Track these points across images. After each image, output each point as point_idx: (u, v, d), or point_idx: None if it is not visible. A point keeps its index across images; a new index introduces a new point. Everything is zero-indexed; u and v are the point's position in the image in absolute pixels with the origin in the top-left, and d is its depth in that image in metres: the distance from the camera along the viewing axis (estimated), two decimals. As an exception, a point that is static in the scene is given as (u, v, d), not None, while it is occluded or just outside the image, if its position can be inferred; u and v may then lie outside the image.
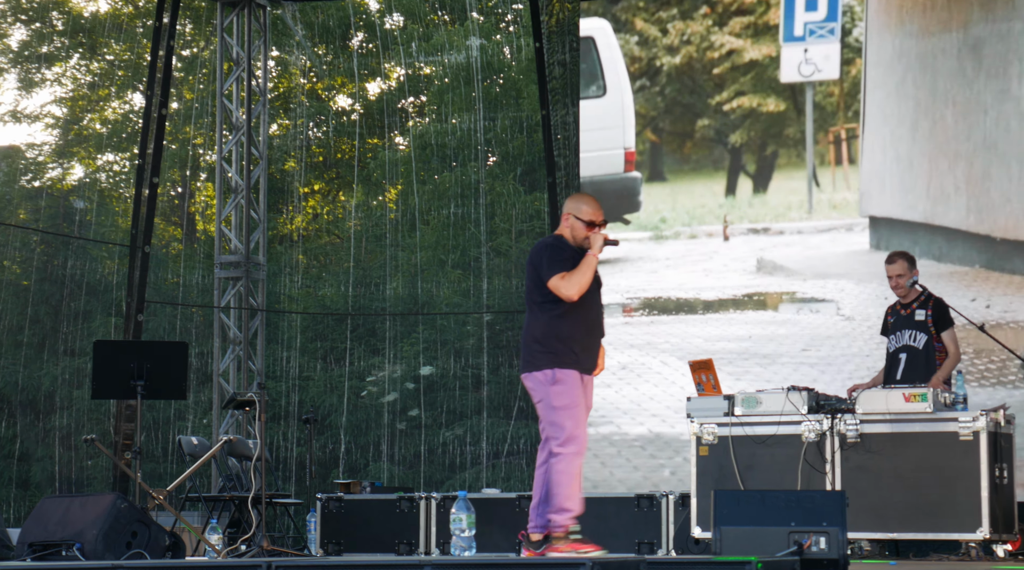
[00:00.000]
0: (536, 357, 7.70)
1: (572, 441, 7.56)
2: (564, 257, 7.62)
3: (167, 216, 18.48)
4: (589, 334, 7.75)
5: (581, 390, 7.67)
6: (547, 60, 14.08)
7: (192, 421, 16.05)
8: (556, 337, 7.66)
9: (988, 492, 8.48)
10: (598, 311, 7.84)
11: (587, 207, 7.73)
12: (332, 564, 5.15)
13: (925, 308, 9.45)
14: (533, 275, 7.72)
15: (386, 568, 5.11)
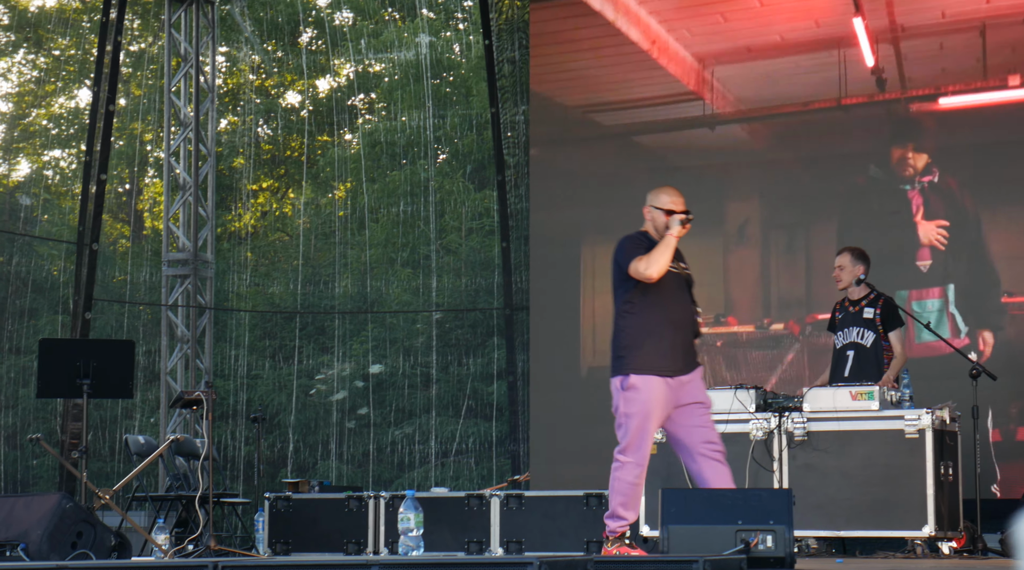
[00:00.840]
0: (614, 363, 7.63)
1: (631, 450, 7.49)
2: (643, 246, 7.55)
3: (115, 213, 18.35)
4: (675, 332, 7.57)
5: (660, 395, 7.50)
6: (497, 58, 14.06)
7: (139, 420, 15.95)
8: (632, 341, 7.55)
9: (933, 490, 8.53)
10: (684, 308, 7.65)
11: (665, 196, 7.65)
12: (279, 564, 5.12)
13: (874, 306, 9.49)
14: (615, 274, 7.67)
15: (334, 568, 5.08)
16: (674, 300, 7.59)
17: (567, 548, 10.39)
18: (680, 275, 7.65)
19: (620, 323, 7.62)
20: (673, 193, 7.67)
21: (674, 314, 7.57)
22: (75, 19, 17.69)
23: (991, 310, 11.42)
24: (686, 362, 7.58)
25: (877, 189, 12.00)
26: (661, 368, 7.50)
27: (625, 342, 7.56)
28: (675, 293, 7.60)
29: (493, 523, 10.83)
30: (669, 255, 7.49)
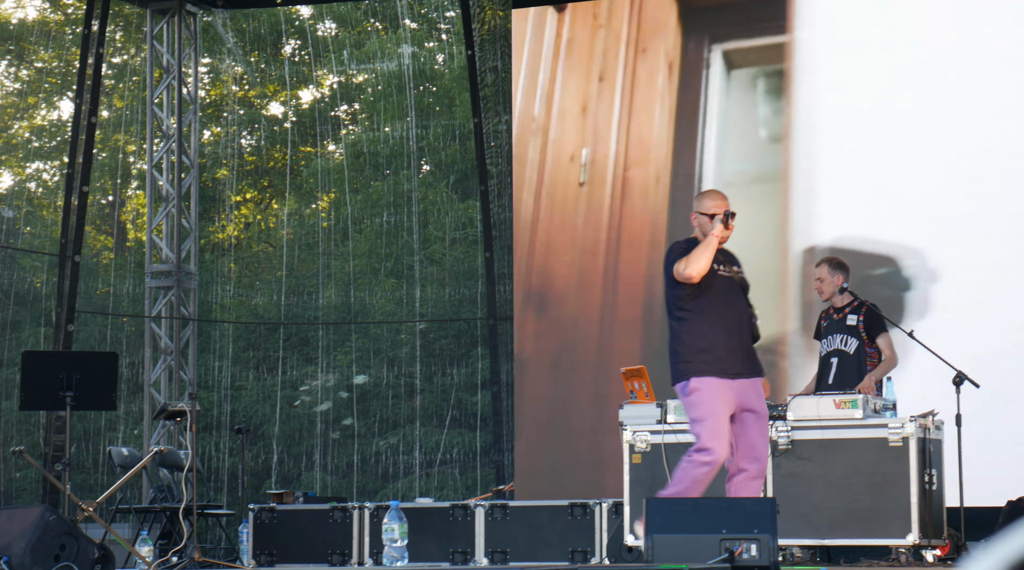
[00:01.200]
0: (673, 369, 7.64)
1: (706, 451, 7.45)
2: (687, 250, 7.58)
3: (98, 225, 18.32)
4: (730, 336, 7.56)
5: (724, 396, 7.50)
6: (479, 68, 14.08)
7: (123, 432, 15.91)
8: (688, 345, 7.56)
9: (917, 498, 8.54)
10: (739, 312, 7.65)
11: (709, 201, 7.68)
12: (262, 576, 5.11)
13: (857, 313, 9.52)
14: (666, 281, 7.72)
15: (317, 579, 5.07)
16: (727, 304, 7.60)
17: (552, 558, 10.39)
18: (733, 279, 7.65)
19: (674, 329, 7.65)
20: (715, 196, 7.72)
21: (728, 318, 7.58)
22: (57, 31, 17.67)
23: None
24: (746, 366, 7.60)
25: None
26: (720, 370, 7.51)
27: (680, 348, 7.59)
28: (728, 297, 7.61)
29: (478, 533, 10.82)
30: (708, 255, 7.48)
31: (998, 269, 11.56)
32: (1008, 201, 11.53)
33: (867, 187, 11.99)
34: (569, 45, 13.06)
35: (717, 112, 12.60)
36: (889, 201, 11.94)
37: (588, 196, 12.97)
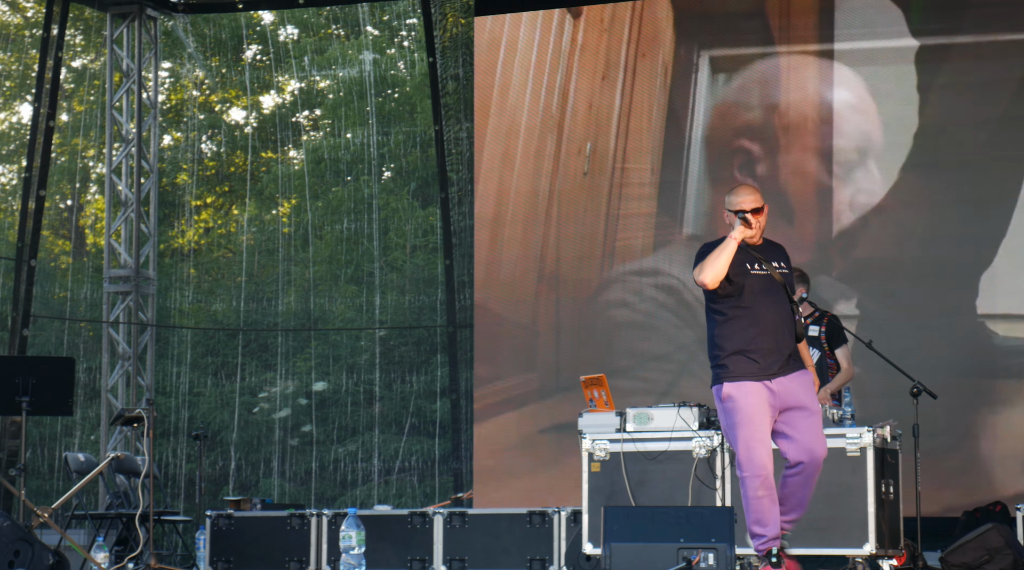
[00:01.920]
0: (712, 374, 7.40)
1: (744, 464, 7.24)
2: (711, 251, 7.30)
3: (56, 229, 18.21)
4: (766, 336, 7.26)
5: (759, 400, 7.22)
6: (440, 75, 14.06)
7: (80, 437, 15.80)
8: (721, 349, 7.31)
9: (874, 508, 8.56)
10: (777, 311, 7.29)
11: (735, 197, 7.34)
12: (218, 583, 5.07)
13: (819, 324, 9.55)
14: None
15: (273, 587, 5.03)
16: (763, 303, 7.28)
17: (510, 566, 10.38)
18: (771, 276, 7.31)
19: (710, 333, 7.42)
20: (741, 191, 7.39)
21: (765, 318, 7.27)
22: (16, 34, 17.56)
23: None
24: (784, 364, 7.28)
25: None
26: (754, 372, 7.24)
27: (715, 352, 7.35)
28: (764, 296, 7.28)
29: (436, 541, 10.80)
30: (723, 259, 7.16)
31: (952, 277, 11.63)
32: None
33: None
34: (582, 49, 13.05)
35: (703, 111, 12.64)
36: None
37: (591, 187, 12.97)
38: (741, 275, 7.27)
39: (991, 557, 9.07)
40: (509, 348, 13.07)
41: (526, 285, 13.03)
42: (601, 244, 12.77)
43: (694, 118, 12.62)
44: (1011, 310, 11.49)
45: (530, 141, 13.15)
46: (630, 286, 12.63)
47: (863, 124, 12.12)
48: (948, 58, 11.91)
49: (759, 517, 7.22)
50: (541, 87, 13.17)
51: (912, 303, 11.72)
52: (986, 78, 11.76)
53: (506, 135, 13.25)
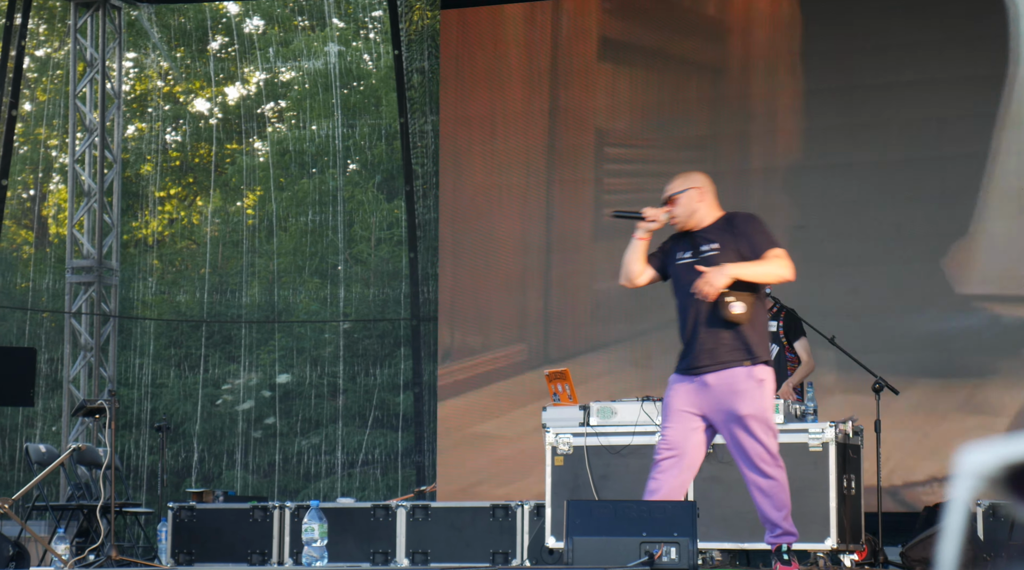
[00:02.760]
0: None
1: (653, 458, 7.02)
2: (655, 247, 7.06)
3: (19, 218, 18.12)
4: (687, 327, 6.88)
5: (677, 394, 6.87)
6: (406, 68, 14.05)
7: (41, 428, 15.74)
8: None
9: (836, 503, 8.60)
10: (696, 302, 6.77)
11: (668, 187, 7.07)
12: (179, 575, 5.07)
13: (777, 319, 9.58)
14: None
15: (235, 579, 5.02)
16: (684, 294, 6.86)
17: (473, 559, 10.38)
18: (690, 262, 6.85)
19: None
20: (673, 180, 7.06)
21: (685, 310, 6.89)
22: (-20, 22, 17.46)
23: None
24: (708, 358, 6.84)
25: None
26: (679, 367, 6.97)
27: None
28: (686, 286, 6.83)
29: (399, 534, 10.79)
30: (628, 256, 6.92)
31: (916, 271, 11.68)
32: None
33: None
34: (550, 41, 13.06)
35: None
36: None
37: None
38: (671, 268, 7.01)
39: (951, 552, 9.11)
40: (472, 342, 13.07)
41: (491, 278, 13.03)
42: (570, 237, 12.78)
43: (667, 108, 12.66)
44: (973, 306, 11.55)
45: (497, 134, 13.15)
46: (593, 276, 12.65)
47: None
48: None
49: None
50: (508, 80, 13.17)
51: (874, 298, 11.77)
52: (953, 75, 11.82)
53: (472, 128, 13.25)
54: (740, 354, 6.85)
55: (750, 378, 6.86)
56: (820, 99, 12.25)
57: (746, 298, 6.79)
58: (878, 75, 11.95)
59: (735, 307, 6.74)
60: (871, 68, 11.98)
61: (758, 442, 6.85)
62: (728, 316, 6.75)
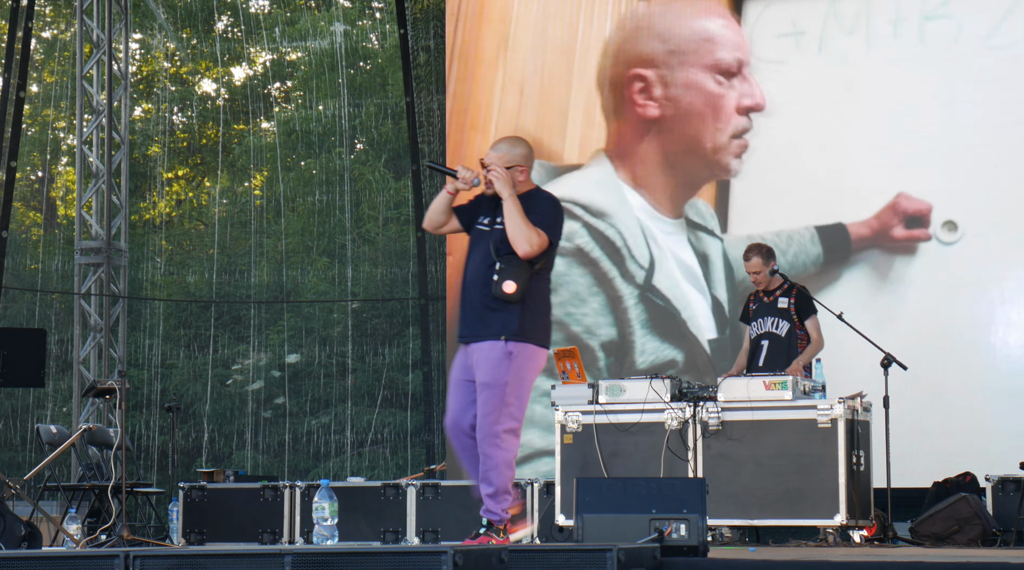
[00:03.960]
0: None
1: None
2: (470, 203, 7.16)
3: (27, 200, 18.14)
4: (464, 294, 7.04)
5: (456, 363, 7.07)
6: (412, 47, 14.03)
7: (52, 409, 15.77)
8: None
9: (845, 479, 8.62)
10: (476, 267, 6.98)
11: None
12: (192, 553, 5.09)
13: (788, 296, 9.59)
14: None
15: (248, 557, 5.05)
16: (471, 260, 7.04)
17: (483, 537, 10.39)
18: (485, 231, 7.02)
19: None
20: (496, 144, 7.17)
21: (467, 275, 7.04)
22: (-14, 4, 17.46)
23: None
24: (472, 328, 6.98)
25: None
26: (459, 335, 7.09)
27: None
28: (474, 252, 7.04)
29: (409, 512, 10.83)
30: (435, 205, 7.08)
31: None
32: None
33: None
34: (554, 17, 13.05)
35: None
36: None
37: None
38: (472, 228, 7.12)
39: (960, 527, 9.14)
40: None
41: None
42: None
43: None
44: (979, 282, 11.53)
45: (503, 112, 13.13)
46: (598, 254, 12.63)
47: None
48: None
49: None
50: (514, 57, 13.15)
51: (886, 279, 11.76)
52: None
53: (478, 106, 13.23)
54: (502, 329, 6.90)
55: (502, 351, 6.91)
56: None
57: (521, 278, 6.85)
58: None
59: (508, 286, 6.83)
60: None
61: (481, 414, 6.93)
62: (500, 294, 6.85)
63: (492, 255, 6.92)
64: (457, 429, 7.08)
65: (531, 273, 6.89)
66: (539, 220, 6.92)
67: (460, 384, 7.06)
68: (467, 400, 7.03)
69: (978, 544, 9.06)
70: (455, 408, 7.07)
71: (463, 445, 7.08)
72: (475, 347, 6.96)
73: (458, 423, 7.07)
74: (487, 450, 6.92)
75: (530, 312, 6.95)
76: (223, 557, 5.29)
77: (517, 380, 6.94)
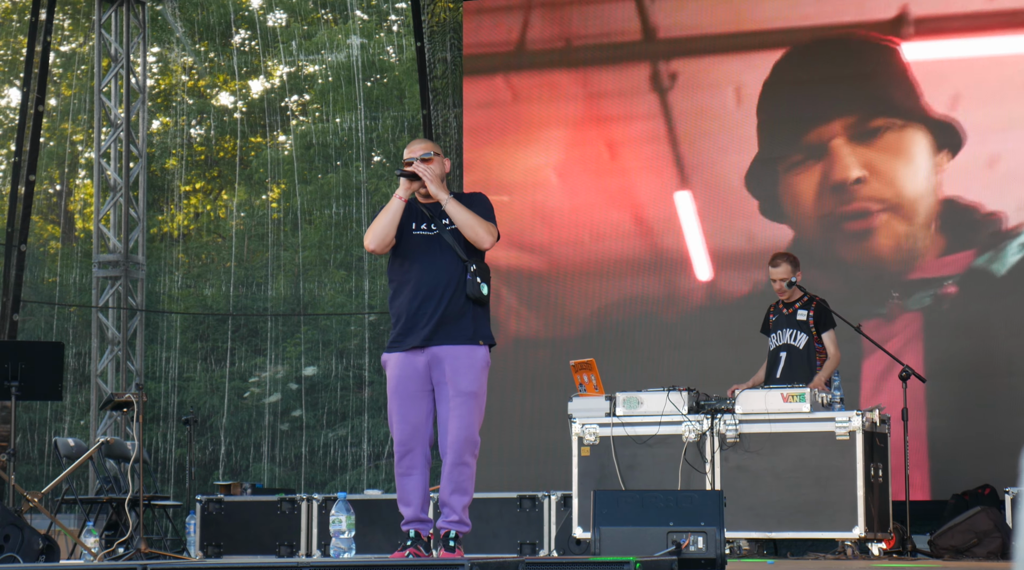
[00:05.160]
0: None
1: (395, 444, 6.89)
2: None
3: (45, 214, 18.19)
4: (421, 301, 6.72)
5: (401, 373, 6.75)
6: (429, 59, 14.04)
7: (69, 422, 15.80)
8: (391, 317, 6.90)
9: (864, 491, 8.60)
10: (435, 273, 6.74)
11: (405, 153, 6.89)
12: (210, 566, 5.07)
13: (807, 308, 9.56)
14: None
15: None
16: (423, 265, 6.74)
17: (500, 550, 10.40)
18: (433, 237, 6.77)
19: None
20: (411, 144, 6.95)
21: (421, 281, 6.73)
22: (4, 18, 17.53)
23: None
24: (436, 333, 6.72)
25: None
26: (401, 343, 6.76)
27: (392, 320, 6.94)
28: (425, 257, 6.75)
29: (426, 525, 10.79)
30: (383, 220, 6.71)
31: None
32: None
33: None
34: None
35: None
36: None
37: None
38: (404, 238, 6.81)
39: (980, 540, 9.11)
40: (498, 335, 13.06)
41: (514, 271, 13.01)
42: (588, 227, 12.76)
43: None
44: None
45: (520, 125, 13.13)
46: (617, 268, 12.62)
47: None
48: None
49: (400, 495, 6.90)
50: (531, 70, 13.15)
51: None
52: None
53: (495, 120, 13.24)
54: (476, 333, 6.81)
55: (484, 358, 6.83)
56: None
57: (489, 280, 6.80)
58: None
59: (483, 287, 6.74)
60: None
61: (464, 423, 6.74)
62: (477, 295, 6.72)
63: (462, 256, 6.75)
64: (416, 442, 6.80)
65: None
66: (486, 214, 6.82)
67: (417, 395, 6.79)
68: (428, 410, 6.81)
69: (998, 557, 9.03)
70: (415, 420, 6.78)
71: (415, 463, 6.81)
72: (447, 352, 6.72)
73: (418, 436, 6.81)
74: (466, 459, 6.75)
75: (488, 317, 6.89)
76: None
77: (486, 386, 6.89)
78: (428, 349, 6.75)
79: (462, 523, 6.87)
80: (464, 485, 6.80)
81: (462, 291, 6.75)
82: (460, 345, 6.76)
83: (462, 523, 6.87)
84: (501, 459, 12.74)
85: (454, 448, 6.73)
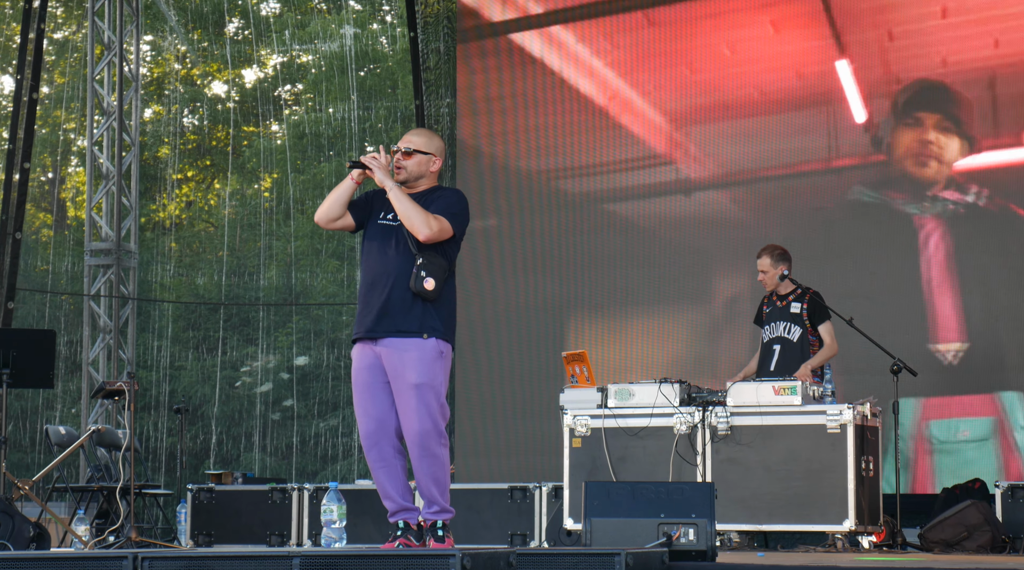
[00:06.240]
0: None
1: (361, 438, 6.83)
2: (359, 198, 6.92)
3: (37, 202, 18.18)
4: (372, 290, 6.72)
5: (360, 363, 6.72)
6: (422, 50, 14.03)
7: (61, 410, 15.81)
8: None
9: (854, 484, 8.61)
10: (387, 263, 6.71)
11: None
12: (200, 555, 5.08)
13: (801, 301, 9.56)
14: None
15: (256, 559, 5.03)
16: (377, 255, 6.74)
17: (491, 541, 10.40)
18: (392, 226, 6.74)
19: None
20: (406, 135, 6.96)
21: (374, 270, 6.73)
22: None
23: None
24: (385, 323, 6.66)
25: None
26: (357, 332, 6.76)
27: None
28: (381, 247, 6.73)
29: (417, 515, 10.80)
30: (331, 196, 6.73)
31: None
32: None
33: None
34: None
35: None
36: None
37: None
38: (369, 226, 6.84)
39: (970, 534, 9.13)
40: (489, 322, 13.07)
41: (507, 261, 13.03)
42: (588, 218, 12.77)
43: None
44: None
45: (512, 116, 13.14)
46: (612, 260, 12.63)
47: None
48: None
49: (378, 489, 6.86)
50: (524, 62, 13.15)
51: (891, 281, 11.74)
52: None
53: (488, 110, 13.24)
54: (422, 326, 6.69)
55: (435, 350, 6.69)
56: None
57: (440, 277, 6.69)
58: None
59: (428, 282, 6.63)
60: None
61: (418, 415, 6.66)
62: (421, 290, 6.63)
63: (413, 249, 6.69)
64: (381, 435, 6.73)
65: (447, 272, 6.72)
66: (442, 208, 6.73)
67: (376, 387, 6.72)
68: (390, 403, 6.73)
69: (987, 551, 9.05)
70: (377, 413, 6.72)
71: (384, 455, 6.74)
72: (393, 344, 6.66)
73: (384, 429, 6.73)
74: (435, 450, 6.67)
75: (448, 312, 6.79)
76: (231, 559, 5.29)
77: (445, 380, 6.76)
78: (380, 341, 6.68)
79: (444, 511, 6.85)
80: (437, 474, 6.74)
81: (406, 283, 6.67)
82: (405, 337, 6.66)
83: (444, 511, 6.85)
84: (492, 450, 12.75)
85: (416, 442, 6.65)
